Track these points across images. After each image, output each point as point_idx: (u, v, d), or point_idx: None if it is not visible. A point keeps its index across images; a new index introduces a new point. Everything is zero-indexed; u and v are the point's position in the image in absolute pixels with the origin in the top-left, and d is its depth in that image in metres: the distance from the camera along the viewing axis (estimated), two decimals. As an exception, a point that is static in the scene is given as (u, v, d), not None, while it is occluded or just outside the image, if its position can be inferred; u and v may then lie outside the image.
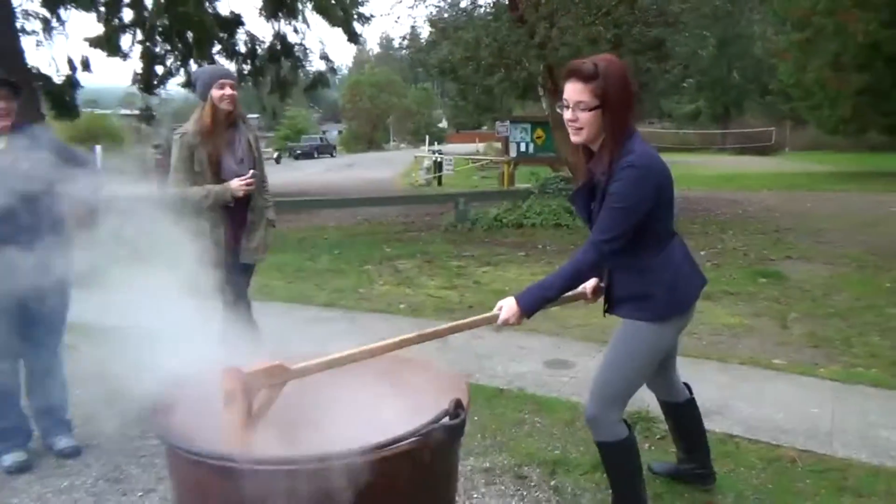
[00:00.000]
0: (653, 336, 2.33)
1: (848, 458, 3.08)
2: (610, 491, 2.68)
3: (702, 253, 8.48)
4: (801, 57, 21.66)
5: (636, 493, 2.48)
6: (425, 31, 14.29)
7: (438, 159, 22.65)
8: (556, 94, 13.42)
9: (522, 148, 17.88)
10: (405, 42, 15.69)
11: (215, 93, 3.40)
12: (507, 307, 2.26)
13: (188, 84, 15.60)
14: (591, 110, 2.15)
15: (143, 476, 3.05)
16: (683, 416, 2.79)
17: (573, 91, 2.17)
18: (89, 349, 4.34)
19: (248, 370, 1.60)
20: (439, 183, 21.32)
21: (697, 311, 5.54)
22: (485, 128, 38.88)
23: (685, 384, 2.80)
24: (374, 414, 1.75)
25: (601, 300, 2.54)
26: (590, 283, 2.59)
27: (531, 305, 2.25)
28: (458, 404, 1.60)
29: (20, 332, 3.08)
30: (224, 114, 3.44)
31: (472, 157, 27.99)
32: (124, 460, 3.20)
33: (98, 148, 29.95)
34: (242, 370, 1.59)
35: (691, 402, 2.78)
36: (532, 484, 2.93)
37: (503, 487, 2.91)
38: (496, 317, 2.28)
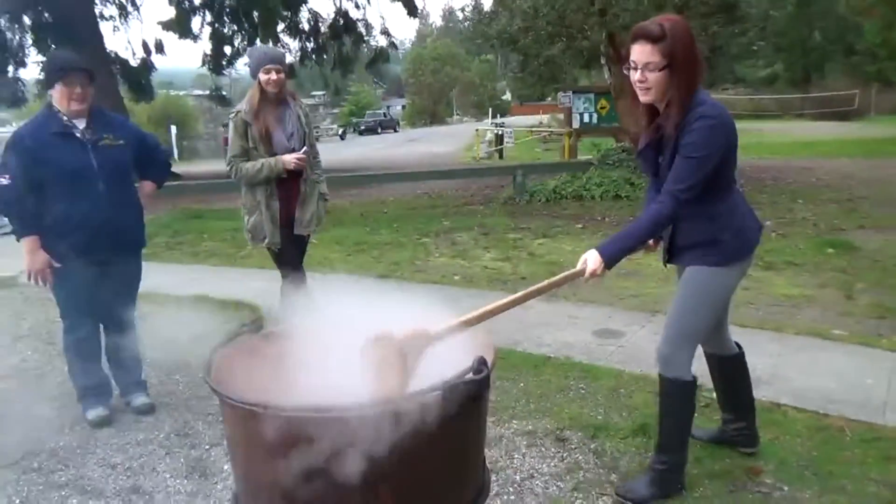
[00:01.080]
0: (721, 279, 2.45)
1: (900, 428, 3.02)
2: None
3: (767, 222, 8.20)
4: (889, 13, 20.30)
5: (680, 441, 2.56)
6: (487, 2, 14.16)
7: (499, 132, 22.51)
8: (619, 61, 13.13)
9: (586, 119, 17.52)
10: (466, 13, 15.61)
11: (262, 76, 3.60)
12: (591, 259, 2.29)
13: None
14: (659, 70, 2.23)
15: (209, 432, 3.29)
16: (732, 370, 2.81)
17: (641, 52, 2.25)
18: (163, 316, 4.68)
19: (398, 336, 1.75)
20: (500, 156, 21.24)
21: (757, 281, 5.52)
22: (549, 99, 38.26)
23: (736, 343, 2.83)
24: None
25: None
26: None
27: (614, 256, 2.30)
28: (481, 361, 1.70)
29: (99, 300, 3.36)
30: (271, 94, 3.62)
31: (534, 129, 27.65)
32: (193, 417, 3.46)
33: (173, 128, 31.36)
34: (394, 337, 1.74)
35: (740, 357, 2.81)
36: (572, 446, 3.01)
37: (543, 449, 3.00)
38: (583, 271, 2.30)
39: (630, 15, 10.23)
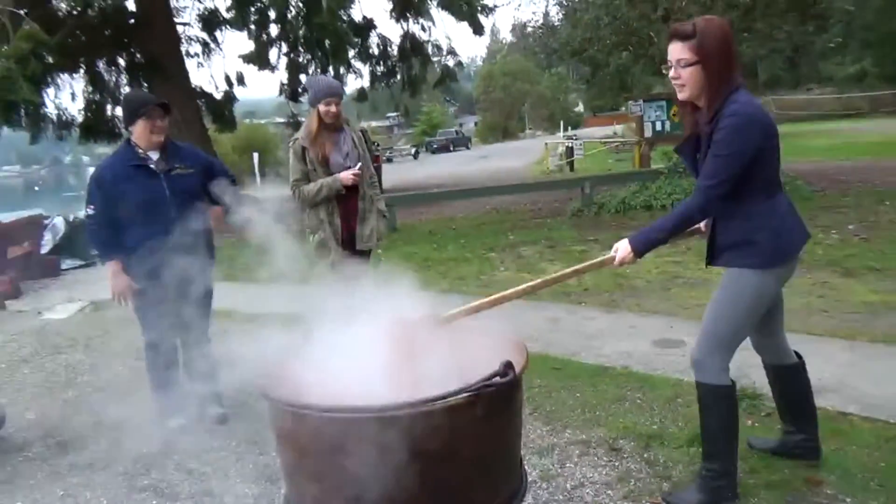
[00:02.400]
0: (756, 283, 2.41)
1: (978, 438, 2.85)
2: (701, 463, 2.72)
3: (850, 227, 7.84)
4: None
5: (725, 447, 2.52)
6: (554, 14, 14.19)
7: (570, 145, 22.36)
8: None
9: (658, 127, 17.17)
10: (533, 28, 15.68)
11: (321, 108, 3.83)
12: (622, 248, 2.44)
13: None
14: (690, 66, 2.31)
15: (277, 439, 3.48)
16: (791, 380, 2.75)
17: (674, 50, 2.35)
18: (237, 332, 4.96)
19: (410, 320, 2.02)
20: (571, 168, 21.08)
21: (833, 288, 5.30)
22: (622, 109, 37.71)
23: (795, 352, 2.76)
24: (441, 374, 1.95)
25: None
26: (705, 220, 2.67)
27: (644, 246, 2.42)
28: (507, 365, 1.77)
29: (176, 317, 3.63)
30: (328, 123, 3.84)
31: (606, 140, 27.29)
32: (262, 427, 3.65)
33: (255, 155, 32.78)
34: (406, 320, 2.00)
35: (800, 366, 2.74)
36: (625, 455, 3.01)
37: (596, 458, 3.02)
38: (612, 258, 2.46)
39: (697, 18, 10.04)
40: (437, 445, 1.71)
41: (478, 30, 17.65)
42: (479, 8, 17.26)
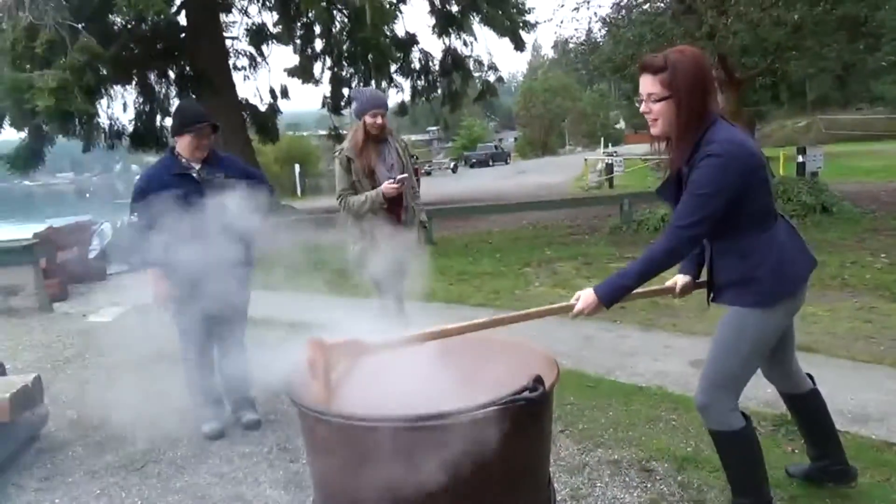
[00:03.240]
0: (759, 322, 2.28)
1: None
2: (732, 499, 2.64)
3: (900, 251, 7.58)
4: None
5: (755, 486, 2.43)
6: (596, 31, 14.13)
7: (610, 161, 22.18)
8: (732, 84, 12.67)
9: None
10: (575, 45, 15.63)
11: (368, 119, 3.88)
12: (584, 297, 2.28)
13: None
14: (660, 101, 2.19)
15: (307, 447, 3.51)
16: (807, 407, 2.66)
17: (644, 83, 2.24)
18: (274, 340, 5.04)
19: (329, 342, 1.89)
20: (611, 185, 20.90)
21: (882, 314, 5.13)
22: (664, 126, 37.15)
23: (808, 375, 2.67)
24: (472, 389, 1.95)
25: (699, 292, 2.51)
26: (681, 279, 2.58)
27: (609, 295, 2.26)
28: (537, 380, 1.76)
29: (213, 324, 3.70)
30: (374, 135, 3.88)
31: (646, 157, 26.99)
32: (294, 434, 3.70)
33: (297, 166, 33.40)
34: (324, 342, 1.88)
35: (814, 393, 2.64)
36: (658, 477, 2.95)
37: (628, 479, 2.96)
38: (572, 307, 2.30)
39: (741, 37, 9.90)
40: (464, 458, 1.70)
41: (519, 46, 17.73)
42: (521, 24, 17.35)
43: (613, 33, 12.14)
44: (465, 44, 18.79)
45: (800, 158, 12.06)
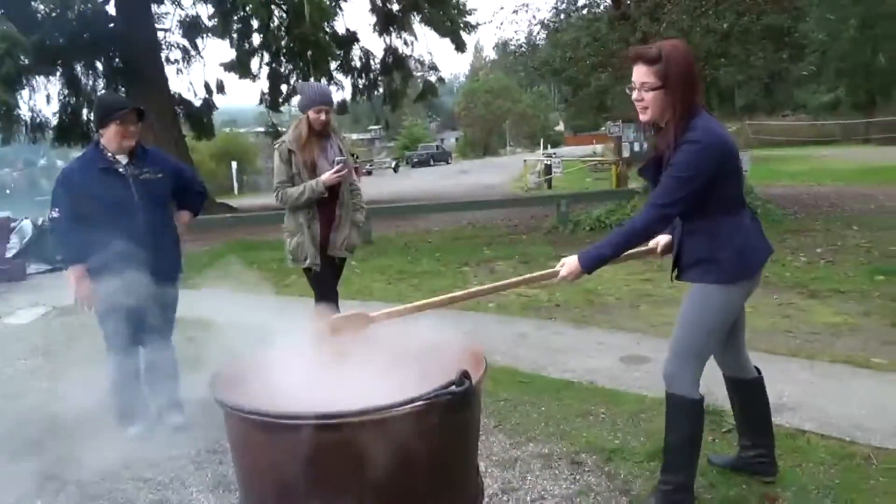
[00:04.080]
0: (721, 298, 2.45)
1: (930, 457, 2.90)
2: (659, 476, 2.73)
3: (818, 250, 7.99)
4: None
5: (686, 461, 2.54)
6: (535, 33, 14.32)
7: (549, 163, 22.57)
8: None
9: (636, 148, 17.38)
10: (515, 47, 15.82)
11: (312, 115, 3.83)
12: (568, 264, 2.48)
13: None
14: (654, 90, 2.35)
15: (237, 449, 3.43)
16: (750, 394, 2.78)
17: (638, 73, 2.38)
18: (204, 341, 4.91)
19: (336, 316, 2.06)
20: (549, 186, 21.25)
21: (799, 309, 5.39)
22: (602, 129, 38.13)
23: (755, 367, 2.80)
24: (399, 383, 1.94)
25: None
26: (663, 240, 2.72)
27: (591, 263, 2.44)
28: (464, 374, 1.77)
29: (140, 324, 3.57)
30: (318, 130, 3.84)
31: (584, 159, 27.60)
32: (223, 436, 3.58)
33: (234, 163, 32.62)
34: (332, 316, 2.04)
35: (759, 382, 2.78)
36: (587, 469, 3.02)
37: (557, 472, 3.01)
38: (557, 272, 2.50)
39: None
40: (391, 453, 1.69)
41: (460, 46, 17.84)
42: (462, 25, 17.47)
43: (552, 37, 12.34)
44: (405, 43, 18.80)
45: (728, 162, 12.54)
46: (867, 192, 13.76)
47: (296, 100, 4.10)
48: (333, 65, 18.37)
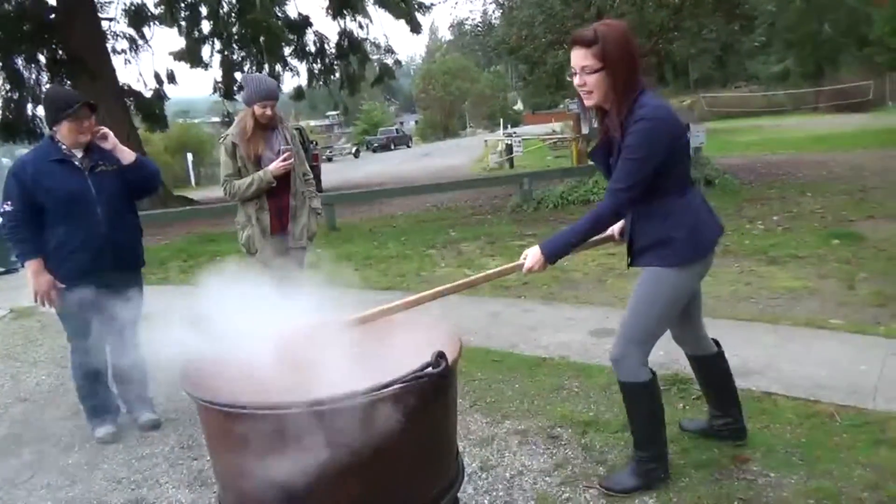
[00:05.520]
0: (674, 280, 2.44)
1: (889, 411, 3.02)
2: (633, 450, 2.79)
3: (775, 217, 8.20)
4: (896, 2, 20.09)
5: (654, 437, 2.59)
6: (491, 12, 14.27)
7: (509, 142, 22.62)
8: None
9: (595, 124, 17.55)
10: (471, 26, 15.75)
11: (257, 110, 3.75)
12: (531, 255, 2.42)
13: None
14: (594, 73, 2.30)
15: (212, 443, 3.39)
16: (712, 369, 2.83)
17: (577, 57, 2.33)
18: (165, 336, 4.81)
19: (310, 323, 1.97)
20: (511, 165, 21.32)
21: (759, 275, 5.52)
22: (561, 107, 38.32)
23: (714, 340, 2.84)
24: (375, 367, 1.93)
25: (624, 251, 2.64)
26: (617, 226, 2.71)
27: (555, 252, 2.41)
28: (440, 355, 1.77)
29: (104, 320, 3.47)
30: (262, 123, 3.77)
31: (544, 137, 27.73)
32: (197, 431, 3.55)
33: (189, 155, 31.88)
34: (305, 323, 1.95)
35: (719, 356, 2.82)
36: (563, 443, 3.06)
37: (534, 447, 3.05)
38: (521, 265, 2.44)
39: (628, 18, 10.30)
40: (370, 438, 1.69)
41: (415, 28, 17.67)
42: (416, 6, 17.27)
43: (507, 15, 12.31)
44: (360, 26, 18.54)
45: (685, 135, 12.76)
46: (819, 160, 14.13)
47: (242, 93, 3.99)
48: (287, 50, 18.03)
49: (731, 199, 9.80)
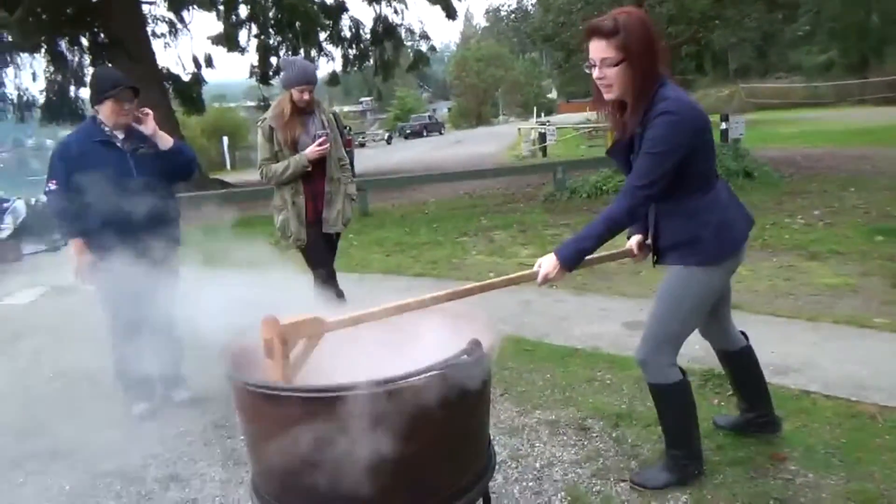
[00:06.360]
0: (703, 280, 2.35)
1: (935, 414, 2.93)
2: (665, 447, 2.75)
3: (815, 212, 7.98)
4: (949, -10, 19.28)
5: (686, 436, 2.54)
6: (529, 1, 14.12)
7: (542, 130, 22.41)
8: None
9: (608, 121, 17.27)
10: (507, 13, 15.61)
11: (295, 94, 3.76)
12: (546, 263, 2.29)
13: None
14: (615, 65, 2.17)
15: (245, 423, 3.44)
16: (740, 364, 2.77)
17: (596, 49, 2.20)
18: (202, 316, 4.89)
19: (285, 321, 1.79)
20: (544, 154, 21.13)
21: (799, 271, 5.39)
22: (595, 95, 37.71)
23: (742, 332, 2.78)
24: (412, 356, 1.93)
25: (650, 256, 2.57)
26: (635, 241, 2.62)
27: (570, 259, 2.26)
28: (475, 343, 1.76)
29: (141, 299, 3.52)
30: (300, 108, 3.78)
31: (579, 126, 27.41)
32: (230, 410, 3.61)
33: (225, 139, 32.26)
34: (279, 321, 1.78)
35: (748, 350, 2.75)
36: (594, 435, 3.03)
37: (565, 438, 3.03)
38: (536, 273, 2.31)
39: (668, 6, 10.10)
40: (403, 425, 1.68)
41: (451, 14, 17.56)
42: (453, -9, 17.15)
43: (543, 2, 12.15)
44: (395, 11, 18.50)
45: (723, 125, 12.47)
46: (862, 154, 13.72)
47: (280, 76, 3.99)
48: (323, 35, 18.09)
49: (770, 193, 9.58)
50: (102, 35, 16.00)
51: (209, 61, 18.55)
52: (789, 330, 4.04)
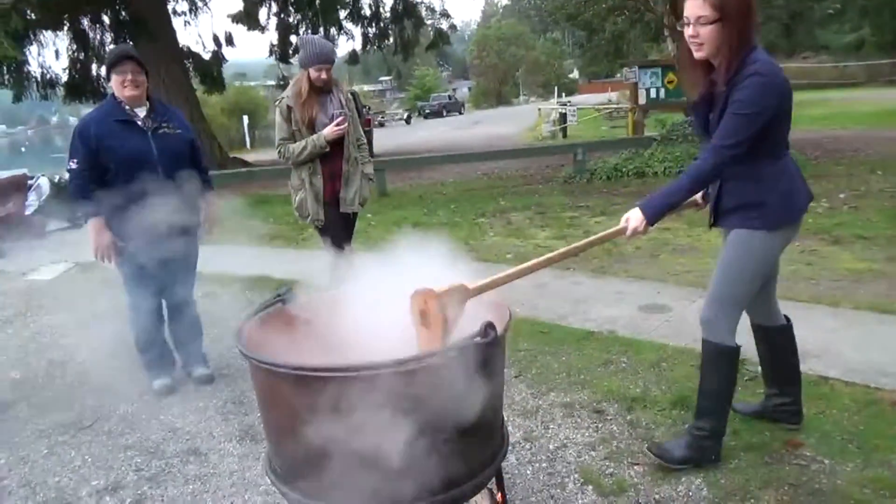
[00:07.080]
0: (764, 244, 2.40)
1: (957, 403, 2.88)
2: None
3: (841, 195, 7.83)
4: None
5: (719, 408, 2.54)
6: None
7: (563, 111, 22.19)
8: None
9: (653, 94, 16.97)
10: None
11: (313, 73, 3.75)
12: (633, 218, 2.31)
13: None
14: (710, 24, 2.21)
15: (262, 400, 3.49)
16: (778, 342, 2.75)
17: (692, 6, 2.24)
18: (226, 294, 4.96)
19: (438, 290, 1.84)
20: (564, 135, 20.94)
21: (821, 256, 5.32)
22: (618, 76, 37.29)
23: (785, 315, 2.76)
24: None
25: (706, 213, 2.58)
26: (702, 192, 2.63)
27: (656, 213, 2.31)
28: (489, 325, 1.75)
29: (161, 277, 3.58)
30: (318, 87, 3.76)
31: (600, 107, 27.09)
32: (248, 387, 3.66)
33: (245, 117, 32.37)
34: (434, 290, 1.83)
35: (787, 329, 2.75)
36: (608, 418, 3.03)
37: (579, 420, 3.04)
38: (625, 229, 2.33)
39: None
40: (416, 406, 1.69)
41: (472, -9, 17.32)
42: (474, -31, 16.91)
43: (566, -21, 11.96)
44: (416, -11, 18.29)
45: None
46: (892, 136, 13.42)
47: (298, 55, 3.98)
48: (342, 13, 17.97)
49: (794, 176, 9.41)
50: (124, 13, 16.04)
51: (229, 39, 18.52)
52: (809, 314, 3.99)
